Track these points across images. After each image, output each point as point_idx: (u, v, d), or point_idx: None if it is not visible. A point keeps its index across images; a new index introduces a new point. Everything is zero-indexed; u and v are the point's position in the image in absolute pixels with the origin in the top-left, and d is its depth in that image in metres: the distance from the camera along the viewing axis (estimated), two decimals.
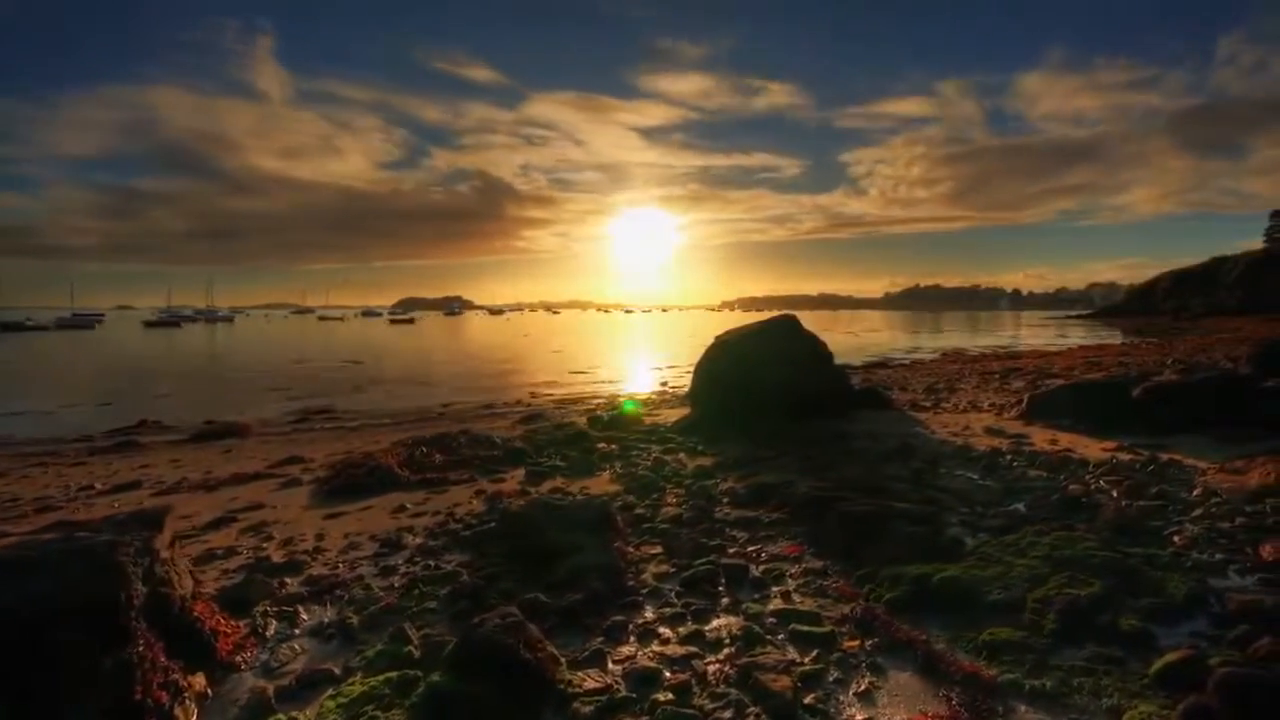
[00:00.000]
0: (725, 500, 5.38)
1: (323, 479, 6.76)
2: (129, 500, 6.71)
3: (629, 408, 12.19)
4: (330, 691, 2.65)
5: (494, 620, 2.74)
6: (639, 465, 6.90)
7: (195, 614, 3.12)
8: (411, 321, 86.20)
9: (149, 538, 3.19)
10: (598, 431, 9.17)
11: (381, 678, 2.65)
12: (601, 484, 6.30)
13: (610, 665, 2.79)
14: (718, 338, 10.44)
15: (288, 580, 4.02)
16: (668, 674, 2.68)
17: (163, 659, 2.81)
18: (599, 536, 4.07)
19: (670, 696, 2.51)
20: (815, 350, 10.21)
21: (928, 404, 11.67)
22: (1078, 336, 43.95)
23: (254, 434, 12.00)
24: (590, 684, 2.57)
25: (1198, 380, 8.13)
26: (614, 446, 8.03)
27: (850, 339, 44.79)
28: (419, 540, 4.69)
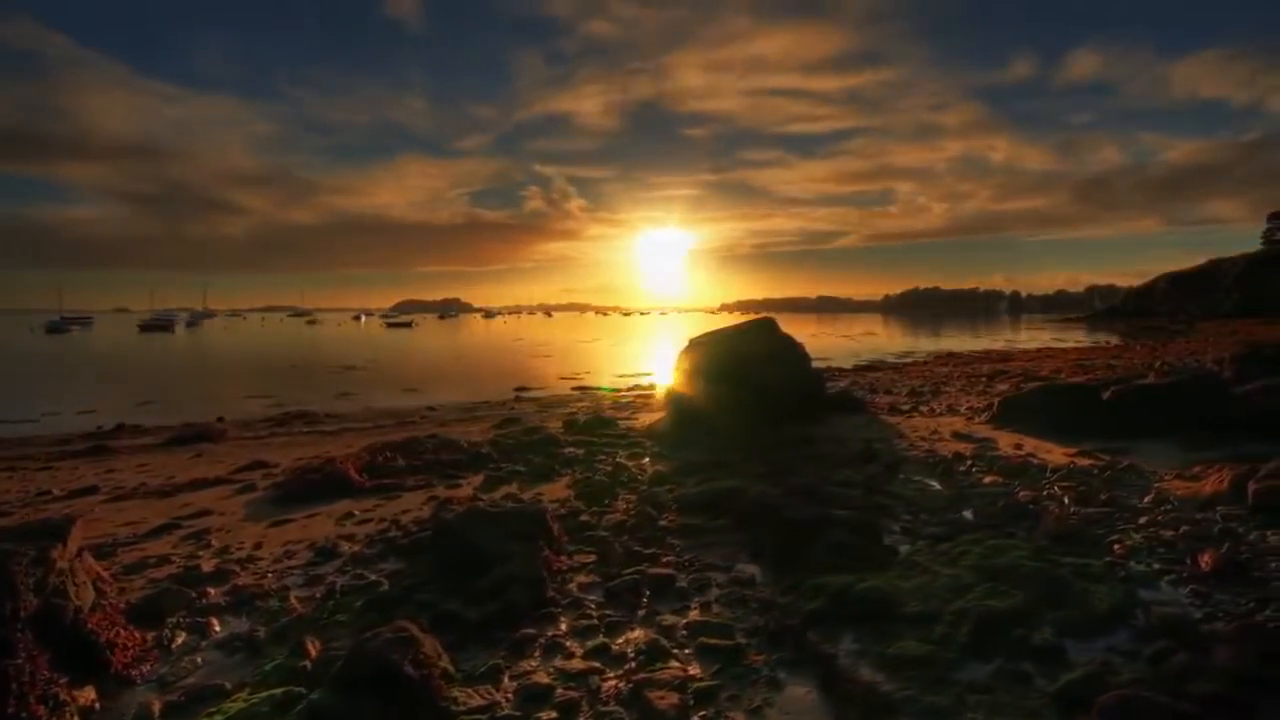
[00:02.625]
0: (674, 506, 5.30)
1: (278, 485, 6.69)
2: (82, 505, 6.62)
3: (605, 411, 12.14)
4: (210, 709, 2.57)
5: (385, 635, 2.66)
6: (599, 470, 6.83)
7: (91, 626, 3.05)
8: (410, 325, 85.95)
9: (46, 548, 3.12)
10: (570, 435, 9.11)
11: (265, 694, 2.57)
12: (558, 489, 6.22)
13: (506, 681, 2.71)
14: (692, 340, 10.37)
15: (210, 590, 3.94)
16: (560, 691, 2.60)
17: (46, 671, 2.73)
18: (529, 545, 3.98)
19: (555, 715, 2.43)
20: (790, 353, 10.13)
21: (906, 407, 11.57)
22: (1074, 339, 43.83)
23: (229, 438, 11.92)
24: (475, 702, 2.50)
25: (1168, 383, 8.05)
26: (580, 451, 7.96)
27: (846, 342, 44.65)
28: (355, 549, 4.61)
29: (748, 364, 9.44)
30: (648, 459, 7.41)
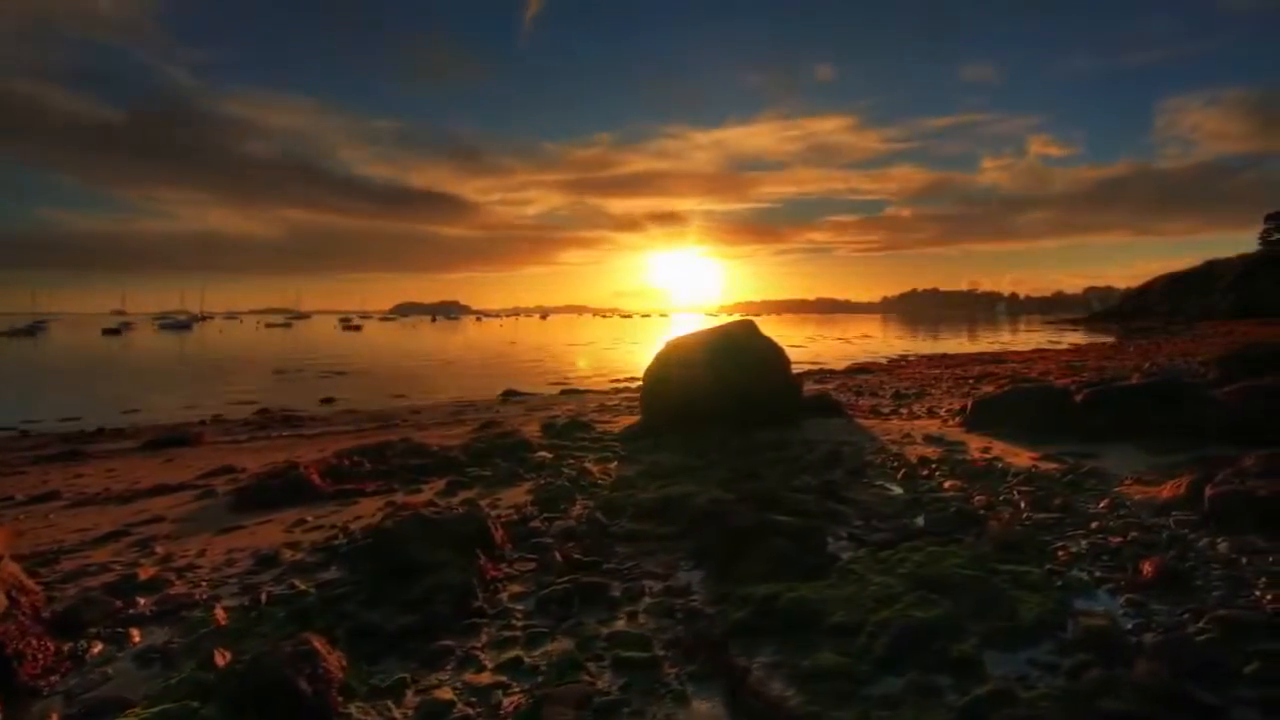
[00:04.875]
0: (629, 513, 5.24)
1: (238, 490, 6.62)
2: (40, 511, 6.57)
3: (587, 414, 12.07)
4: None
5: (285, 649, 2.60)
6: (563, 475, 6.76)
7: None
8: (359, 328, 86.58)
9: None
10: (546, 439, 9.04)
11: (157, 709, 2.51)
12: (518, 495, 6.15)
13: (409, 697, 2.64)
14: (669, 342, 10.29)
15: (141, 599, 3.87)
16: (460, 707, 2.54)
17: None
18: (464, 553, 3.92)
19: None
20: (767, 356, 10.04)
21: (887, 410, 11.52)
22: (1069, 341, 43.73)
23: (205, 442, 11.85)
24: (369, 719, 2.43)
25: (1143, 385, 7.97)
26: (551, 455, 7.89)
27: (842, 345, 44.59)
28: (298, 557, 4.54)
29: (723, 366, 9.37)
30: (615, 463, 7.35)
